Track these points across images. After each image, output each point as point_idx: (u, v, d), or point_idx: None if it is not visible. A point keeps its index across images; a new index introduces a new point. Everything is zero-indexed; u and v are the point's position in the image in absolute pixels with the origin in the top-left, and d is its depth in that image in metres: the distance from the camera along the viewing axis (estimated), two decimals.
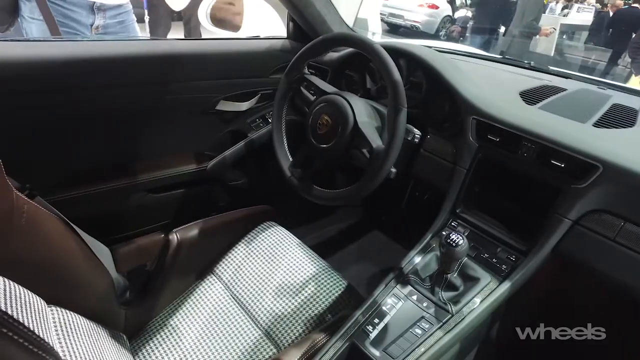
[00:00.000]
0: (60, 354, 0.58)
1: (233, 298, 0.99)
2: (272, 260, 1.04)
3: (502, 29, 5.37)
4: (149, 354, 0.90)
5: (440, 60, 1.02)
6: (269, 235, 1.10)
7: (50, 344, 0.49)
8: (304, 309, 0.95)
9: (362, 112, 0.90)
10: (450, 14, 7.55)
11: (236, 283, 1.01)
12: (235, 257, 1.06)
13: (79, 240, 0.81)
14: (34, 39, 1.37)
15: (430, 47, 1.19)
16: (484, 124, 0.90)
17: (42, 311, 0.67)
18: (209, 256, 1.06)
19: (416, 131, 0.91)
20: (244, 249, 1.07)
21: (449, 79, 0.97)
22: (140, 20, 2.54)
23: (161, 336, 0.94)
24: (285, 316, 0.94)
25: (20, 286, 0.64)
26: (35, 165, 0.77)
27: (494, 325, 1.05)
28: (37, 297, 0.68)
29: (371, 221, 1.75)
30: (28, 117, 0.92)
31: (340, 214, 1.71)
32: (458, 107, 0.94)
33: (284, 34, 1.35)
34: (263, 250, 1.06)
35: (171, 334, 0.94)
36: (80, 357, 0.65)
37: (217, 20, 1.54)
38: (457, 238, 0.76)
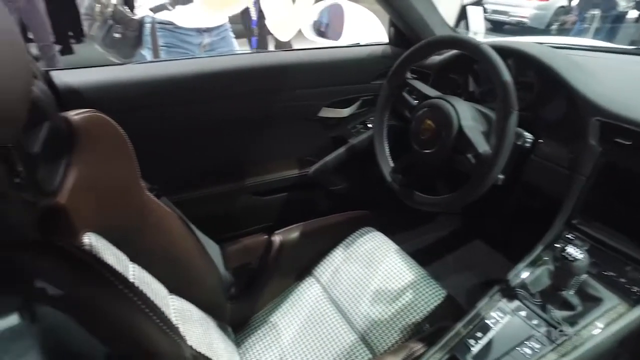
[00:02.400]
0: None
1: (330, 300, 1.02)
2: (369, 265, 1.04)
3: (635, 14, 4.63)
4: (250, 347, 0.97)
5: (555, 57, 0.94)
6: (367, 240, 1.11)
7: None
8: (401, 316, 0.93)
9: (467, 115, 0.87)
10: (565, 3, 6.81)
11: (334, 286, 1.03)
12: (333, 260, 1.09)
13: (194, 238, 0.90)
14: (160, 59, 1.57)
15: (542, 43, 1.10)
16: (610, 126, 0.80)
17: (165, 298, 0.76)
18: (309, 258, 1.11)
19: (527, 135, 0.84)
20: (343, 253, 1.09)
21: (565, 76, 0.88)
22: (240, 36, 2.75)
23: (262, 331, 1.00)
24: (382, 322, 0.93)
25: (149, 274, 0.73)
26: (160, 169, 0.88)
27: (622, 358, 0.93)
28: (161, 285, 0.77)
29: (473, 230, 1.66)
30: (156, 128, 1.06)
31: (440, 221, 1.65)
32: (577, 107, 0.85)
33: (385, 39, 1.35)
34: (361, 255, 1.07)
35: (271, 330, 1.00)
36: (195, 343, 0.72)
37: (320, 30, 1.60)
38: (576, 252, 0.69)
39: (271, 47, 4.00)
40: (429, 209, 0.93)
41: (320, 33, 1.77)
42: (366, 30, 1.80)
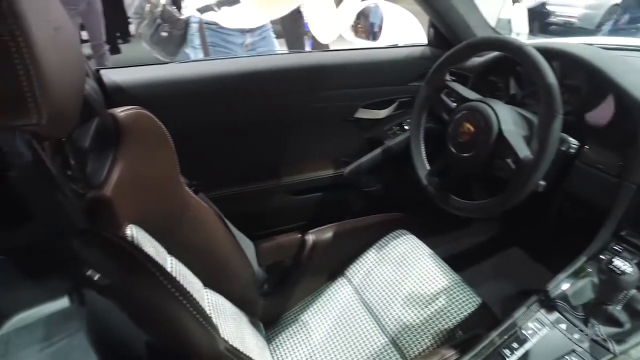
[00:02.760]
0: None
1: (362, 302, 1.01)
2: (402, 268, 1.03)
3: None
4: (281, 344, 0.98)
5: (605, 58, 0.89)
6: (400, 243, 1.10)
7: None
8: (434, 321, 0.92)
9: (507, 119, 0.84)
10: (619, 1, 6.40)
11: (365, 287, 1.03)
12: (366, 261, 1.08)
13: (229, 234, 0.92)
14: (201, 59, 1.62)
15: (591, 44, 1.05)
16: None
17: (200, 291, 0.78)
18: (341, 258, 1.11)
19: (572, 140, 0.81)
20: (375, 255, 1.09)
21: (616, 79, 0.84)
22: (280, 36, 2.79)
23: (293, 329, 1.01)
24: (413, 326, 0.92)
25: (185, 267, 0.75)
26: (199, 165, 0.91)
27: None
28: (197, 278, 0.79)
29: (510, 237, 1.61)
30: (196, 126, 1.09)
31: (475, 226, 1.61)
32: (629, 111, 0.81)
33: (424, 41, 1.33)
34: (394, 258, 1.06)
35: (302, 328, 1.00)
36: (228, 336, 0.74)
37: (358, 31, 1.60)
38: (624, 265, 0.65)
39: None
40: (465, 214, 0.91)
41: (359, 34, 1.77)
42: (405, 32, 1.78)
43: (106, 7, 3.55)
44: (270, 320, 1.03)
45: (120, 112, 0.66)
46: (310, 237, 1.05)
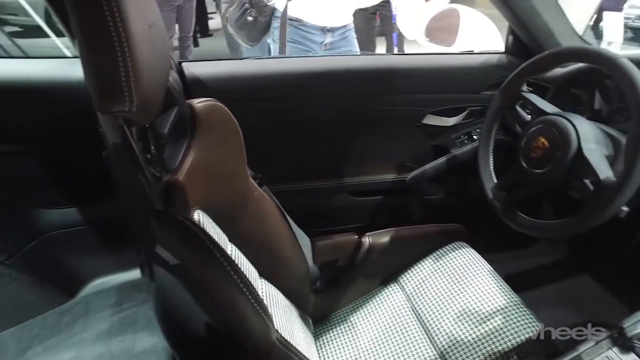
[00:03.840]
0: None
1: (413, 311, 0.99)
2: (458, 281, 1.00)
3: None
4: (328, 342, 0.99)
5: None
6: (458, 256, 1.06)
7: None
8: (487, 341, 0.88)
9: (589, 136, 0.79)
10: None
11: (418, 297, 1.01)
12: (421, 270, 1.06)
13: (288, 228, 0.94)
14: (275, 56, 1.67)
15: None
16: None
17: (255, 280, 0.81)
18: (396, 264, 1.09)
19: None
20: (431, 265, 1.06)
21: None
22: None
23: (341, 329, 1.01)
24: (465, 343, 0.89)
25: (243, 256, 0.78)
26: (264, 159, 0.95)
27: None
28: (254, 268, 0.82)
29: (580, 262, 1.49)
30: (266, 120, 1.13)
31: (541, 247, 1.51)
32: None
33: (501, 48, 1.27)
34: (450, 270, 1.03)
35: (350, 329, 1.00)
36: (279, 327, 0.76)
37: (433, 35, 1.57)
38: None
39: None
40: (532, 233, 0.87)
41: (433, 38, 1.73)
42: (482, 38, 1.71)
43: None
44: (320, 317, 1.05)
45: (197, 103, 0.70)
46: (367, 240, 1.05)
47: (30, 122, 1.02)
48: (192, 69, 1.04)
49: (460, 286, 0.99)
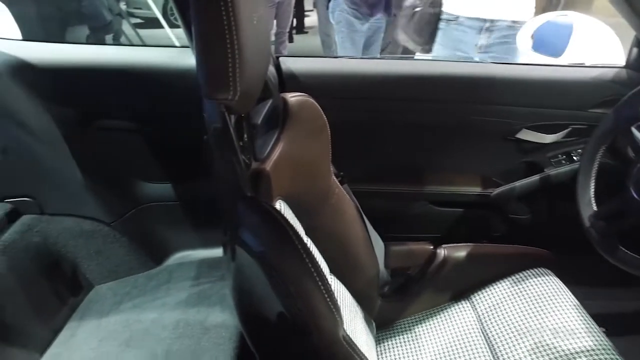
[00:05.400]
0: None
1: (482, 333, 0.94)
2: (538, 311, 0.93)
3: None
4: (389, 348, 0.97)
5: None
6: (541, 283, 0.98)
7: None
8: None
9: None
10: None
11: (490, 319, 0.95)
12: (496, 292, 1.00)
13: (364, 229, 0.95)
14: (371, 57, 1.68)
15: None
16: None
17: (327, 275, 0.83)
18: (470, 281, 1.04)
19: None
20: (509, 288, 1.00)
21: None
22: None
23: (404, 338, 0.99)
24: None
25: (317, 250, 0.80)
26: (347, 157, 0.96)
27: None
28: (325, 264, 0.83)
29: None
30: (353, 119, 1.14)
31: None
32: None
33: (621, 62, 1.15)
34: (530, 297, 0.96)
35: (413, 340, 0.98)
36: (345, 326, 0.76)
37: (539, 43, 1.46)
38: None
39: None
40: (634, 272, 0.78)
41: (539, 47, 1.60)
42: (598, 49, 1.55)
43: None
44: (383, 322, 1.04)
45: (291, 97, 0.73)
46: (442, 251, 1.02)
47: (142, 103, 1.14)
48: (288, 63, 1.08)
49: (540, 317, 0.91)
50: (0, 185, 1.15)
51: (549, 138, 1.17)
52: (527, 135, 1.17)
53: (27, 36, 1.65)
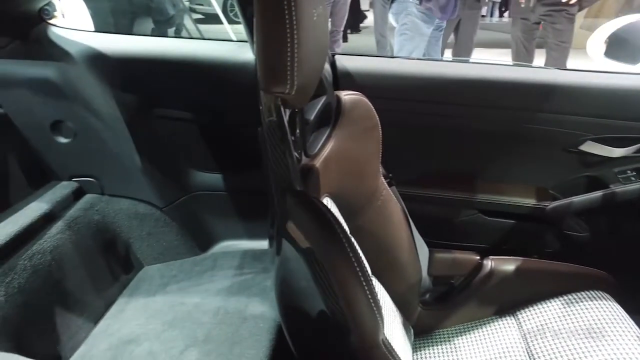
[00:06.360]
0: None
1: (527, 353, 0.89)
2: (592, 336, 0.87)
3: None
4: (426, 358, 0.95)
5: None
6: (597, 307, 0.92)
7: None
8: None
9: None
10: None
11: (537, 340, 0.90)
12: (546, 311, 0.95)
13: (409, 233, 0.93)
14: (426, 58, 1.64)
15: None
16: None
17: (370, 276, 0.82)
18: (517, 297, 1.00)
19: None
20: (560, 308, 0.94)
21: None
22: None
23: (443, 349, 0.96)
24: None
25: (360, 251, 0.79)
26: (398, 159, 0.94)
27: None
28: (368, 265, 0.82)
29: None
30: (405, 121, 1.13)
31: None
32: None
33: None
34: (584, 320, 0.90)
35: (452, 352, 0.95)
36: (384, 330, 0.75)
37: (612, 50, 1.35)
38: None
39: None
40: None
41: (611, 53, 1.49)
42: None
43: None
44: (422, 330, 1.01)
45: (344, 95, 0.73)
46: (489, 263, 0.98)
47: (200, 94, 1.18)
48: (344, 61, 1.08)
49: (595, 342, 0.85)
50: (69, 165, 1.24)
51: (617, 152, 1.09)
52: (592, 147, 1.10)
53: (99, 28, 1.76)
